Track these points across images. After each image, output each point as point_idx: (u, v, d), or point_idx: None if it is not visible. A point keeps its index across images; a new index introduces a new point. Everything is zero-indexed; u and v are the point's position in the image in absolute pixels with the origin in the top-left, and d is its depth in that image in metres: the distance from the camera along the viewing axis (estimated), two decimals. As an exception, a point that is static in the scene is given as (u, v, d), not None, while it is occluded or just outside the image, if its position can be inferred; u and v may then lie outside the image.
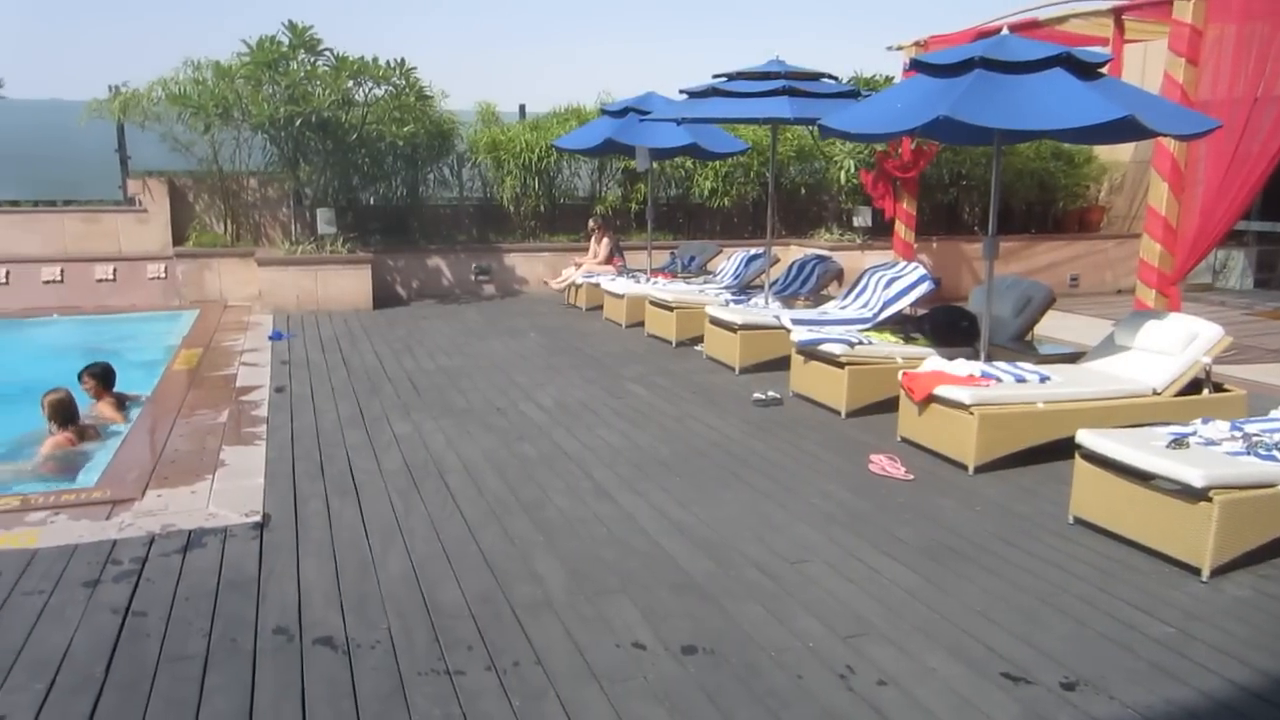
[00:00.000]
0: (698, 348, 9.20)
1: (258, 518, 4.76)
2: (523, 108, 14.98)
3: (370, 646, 3.50)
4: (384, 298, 12.25)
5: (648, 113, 10.52)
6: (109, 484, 5.28)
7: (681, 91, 9.28)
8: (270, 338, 9.63)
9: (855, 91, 8.65)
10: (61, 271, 11.96)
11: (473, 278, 13.32)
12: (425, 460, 5.76)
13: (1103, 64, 5.79)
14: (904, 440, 6.23)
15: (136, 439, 6.28)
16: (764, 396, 7.32)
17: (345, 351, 9.10)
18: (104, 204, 12.77)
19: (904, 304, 7.69)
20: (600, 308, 11.41)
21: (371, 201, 13.62)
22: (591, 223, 12.80)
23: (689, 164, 14.09)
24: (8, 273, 11.78)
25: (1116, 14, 8.92)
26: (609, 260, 12.24)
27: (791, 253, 12.94)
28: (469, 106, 14.29)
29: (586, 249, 12.89)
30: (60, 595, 3.89)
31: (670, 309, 9.64)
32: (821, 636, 3.61)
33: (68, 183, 12.96)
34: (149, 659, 3.41)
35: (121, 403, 7.25)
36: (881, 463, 5.72)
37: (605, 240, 12.38)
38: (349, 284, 11.71)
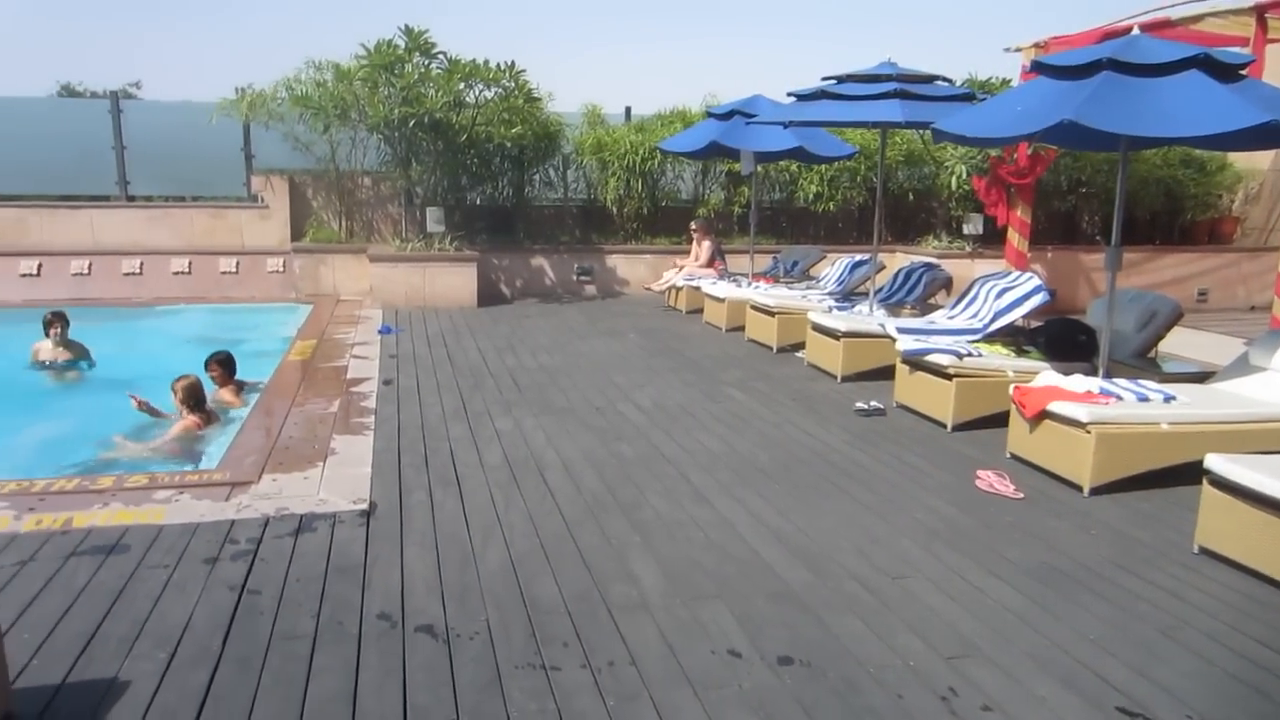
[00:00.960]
0: (799, 354, 9.08)
1: (365, 505, 4.90)
2: (628, 110, 15.09)
3: (469, 637, 3.56)
4: (488, 295, 12.51)
5: (754, 115, 10.45)
6: (229, 467, 5.53)
7: (789, 94, 9.19)
8: (379, 332, 9.94)
9: (970, 94, 8.40)
10: (189, 264, 12.62)
11: (574, 278, 13.48)
12: (525, 456, 5.84)
13: (1244, 65, 5.46)
14: (1014, 457, 6.00)
15: (254, 425, 6.55)
16: (866, 406, 7.17)
17: (450, 347, 9.32)
18: (229, 200, 13.43)
19: (1017, 315, 7.42)
20: (700, 311, 11.39)
21: (479, 201, 13.93)
22: (693, 225, 12.79)
23: (794, 167, 13.95)
24: (141, 264, 12.49)
25: (1259, 11, 8.40)
26: (710, 263, 12.20)
27: (897, 260, 12.68)
28: (576, 108, 14.49)
29: (688, 252, 12.88)
30: (182, 570, 4.09)
31: (772, 314, 9.54)
32: (923, 655, 3.51)
33: (197, 180, 13.68)
34: (262, 636, 3.55)
35: (241, 389, 7.59)
36: (989, 479, 5.53)
37: (706, 243, 12.35)
38: (455, 281, 12.00)
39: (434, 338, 9.83)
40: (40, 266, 12.21)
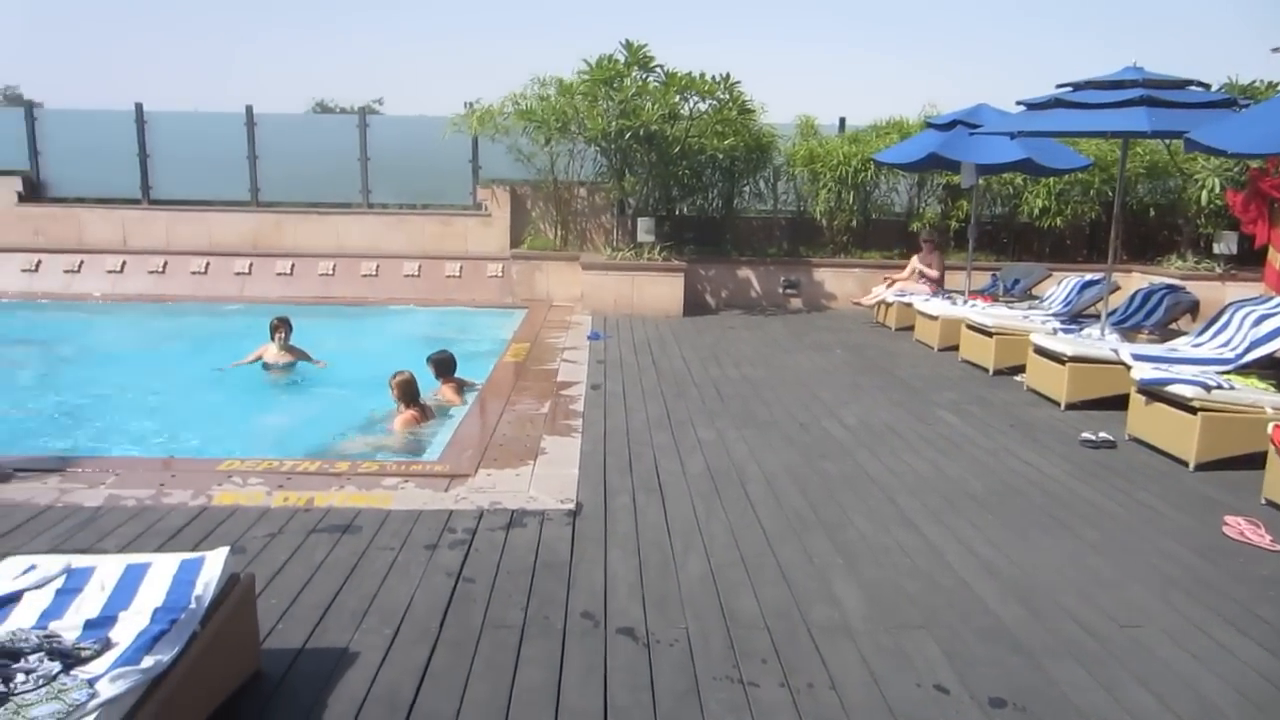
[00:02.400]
0: (1018, 378, 8.56)
1: (571, 505, 5.07)
2: (842, 121, 14.81)
3: (669, 644, 3.59)
4: (694, 305, 12.64)
5: (978, 126, 9.96)
6: (448, 460, 5.88)
7: (1019, 103, 8.68)
8: (589, 337, 10.27)
9: (1230, 100, 7.61)
10: (419, 267, 13.56)
11: (781, 291, 13.37)
12: (727, 467, 5.84)
13: None
14: (1270, 504, 5.37)
15: (471, 421, 6.94)
16: (1094, 437, 6.64)
17: (656, 355, 9.49)
18: (456, 208, 14.34)
19: (1278, 346, 6.64)
20: (911, 328, 10.98)
21: (688, 212, 14.10)
22: (925, 235, 12.27)
23: (1019, 180, 13.19)
24: (377, 266, 13.55)
25: None
26: (941, 279, 11.65)
27: (1134, 280, 11.71)
28: (789, 120, 14.38)
29: (899, 266, 12.46)
30: (406, 554, 4.38)
31: (989, 334, 9.05)
32: (1156, 715, 3.20)
33: (429, 189, 14.69)
34: (475, 622, 3.74)
35: (460, 387, 8.06)
36: (1240, 527, 4.97)
37: (936, 255, 11.81)
38: (662, 291, 12.20)
39: (640, 345, 10.04)
40: (293, 267, 13.52)
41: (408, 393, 7.24)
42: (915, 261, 11.90)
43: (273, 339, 9.22)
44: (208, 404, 8.45)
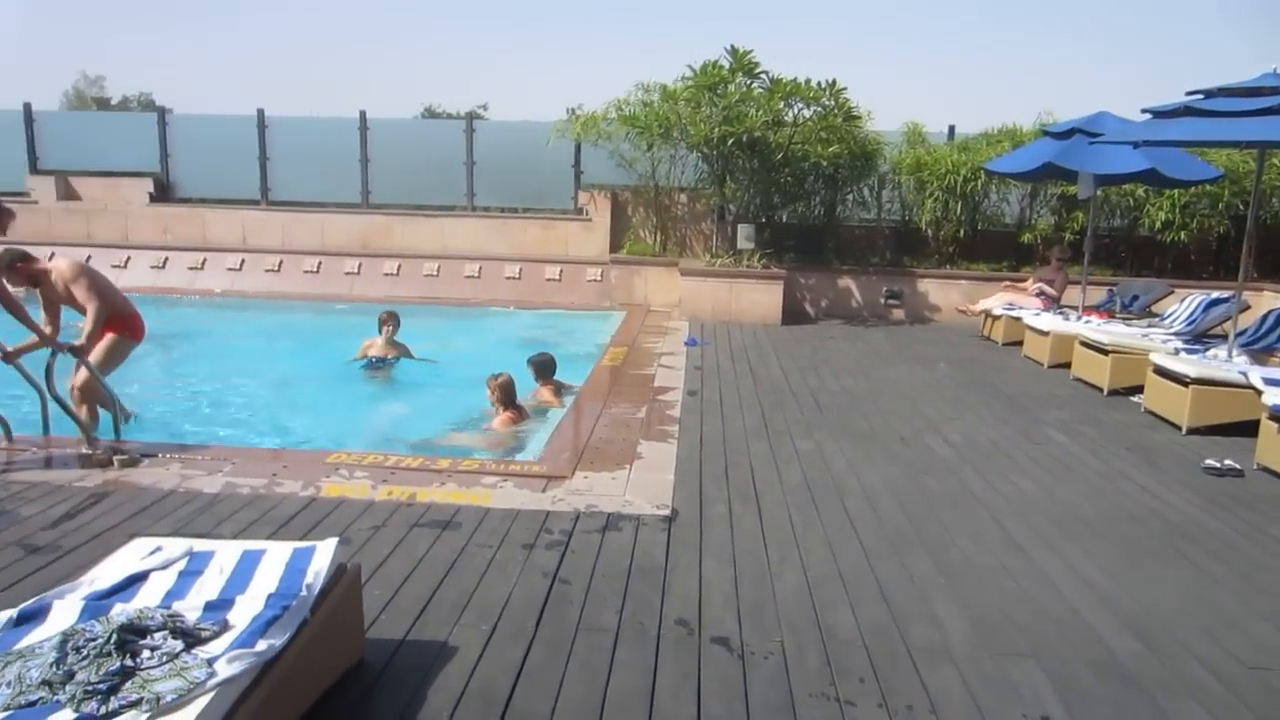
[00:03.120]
0: (1135, 399, 8.17)
1: (667, 511, 5.06)
2: (951, 128, 14.45)
3: (764, 656, 3.55)
4: (792, 314, 12.50)
5: (1098, 135, 9.55)
6: (546, 461, 5.95)
7: (1144, 111, 8.29)
8: (686, 343, 10.26)
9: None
10: (520, 270, 13.80)
11: (882, 301, 13.10)
12: (825, 480, 5.74)
13: None
14: None
15: (569, 424, 7.01)
16: (1219, 465, 6.28)
17: (753, 363, 9.41)
18: (558, 213, 14.54)
19: None
20: (1019, 343, 10.60)
21: (788, 219, 13.96)
22: (1057, 252, 11.81)
23: (1140, 191, 12.62)
24: (480, 268, 13.84)
25: None
26: (1058, 298, 11.21)
27: (1266, 300, 11.06)
28: (896, 127, 14.11)
29: (1006, 279, 12.06)
30: (504, 552, 4.44)
31: (1104, 352, 8.67)
32: (1290, 764, 2.99)
33: (532, 193, 14.94)
34: (570, 623, 3.76)
35: (559, 390, 8.15)
36: (1384, 566, 4.62)
37: (1063, 275, 11.37)
38: (761, 298, 12.11)
39: (738, 352, 9.97)
40: (399, 267, 13.92)
41: (506, 394, 7.36)
42: (1038, 275, 11.51)
43: (380, 332, 9.46)
44: (317, 398, 8.76)
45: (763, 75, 12.21)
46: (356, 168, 14.85)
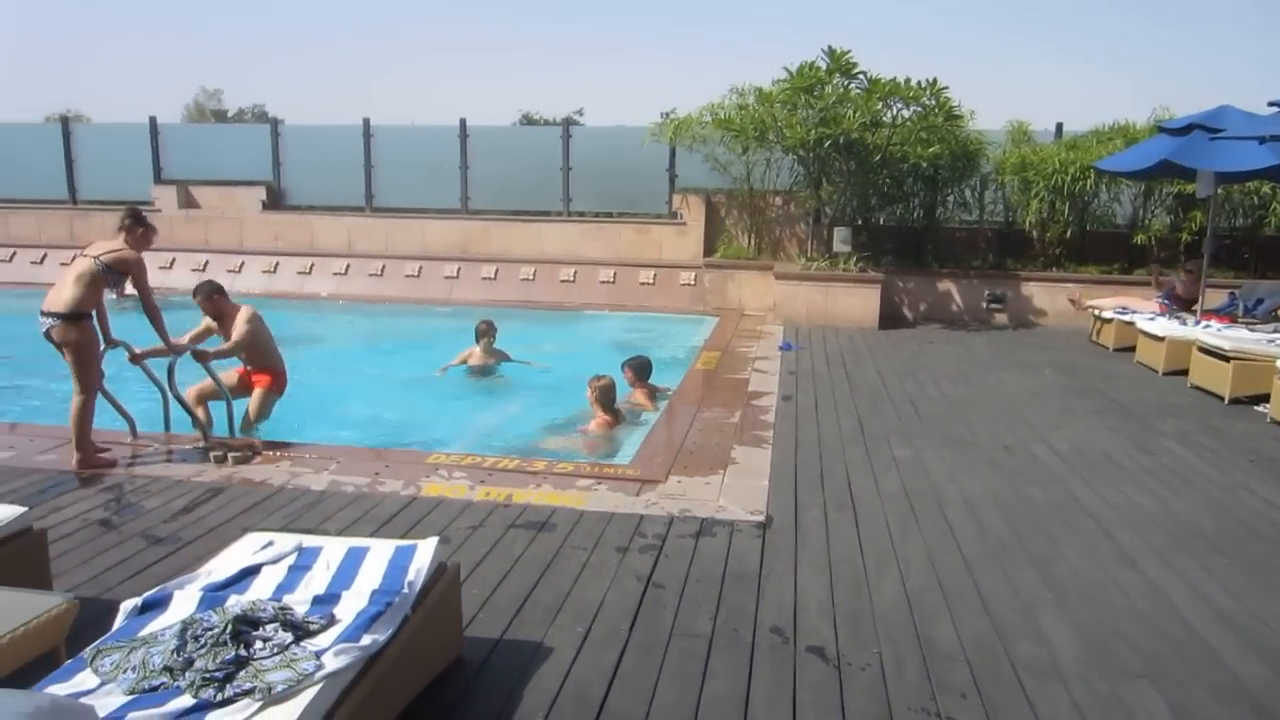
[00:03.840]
0: (1260, 408, 7.71)
1: (761, 518, 5.01)
2: (1059, 126, 13.94)
3: (861, 668, 3.47)
4: (890, 318, 12.24)
5: (1219, 130, 9.07)
6: (640, 464, 5.97)
7: (1271, 104, 7.84)
8: (780, 348, 10.15)
9: None
10: (614, 274, 13.90)
11: (984, 305, 12.70)
12: (925, 489, 5.59)
13: None
14: None
15: (663, 428, 7.01)
16: (1355, 478, 5.88)
17: (849, 368, 9.25)
18: (652, 217, 14.58)
19: None
20: (1131, 349, 10.13)
21: (886, 221, 13.68)
22: (1187, 265, 11.16)
23: (1265, 189, 11.92)
24: (575, 272, 14.00)
25: None
26: (1190, 304, 10.61)
27: (1407, 303, 10.28)
28: (999, 126, 13.69)
29: (1120, 282, 11.52)
30: (598, 555, 4.47)
31: (1225, 358, 8.21)
32: None
33: (626, 197, 15.02)
34: (664, 628, 3.76)
35: (653, 393, 8.17)
36: None
37: (1194, 289, 10.74)
38: (857, 302, 11.89)
39: (833, 357, 9.82)
40: (497, 271, 14.20)
41: (606, 398, 7.40)
42: (1165, 287, 11.01)
43: (478, 342, 9.61)
44: (417, 399, 8.99)
45: (860, 75, 12.01)
46: (456, 174, 15.19)
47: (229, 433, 6.52)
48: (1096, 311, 11.13)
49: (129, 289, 5.90)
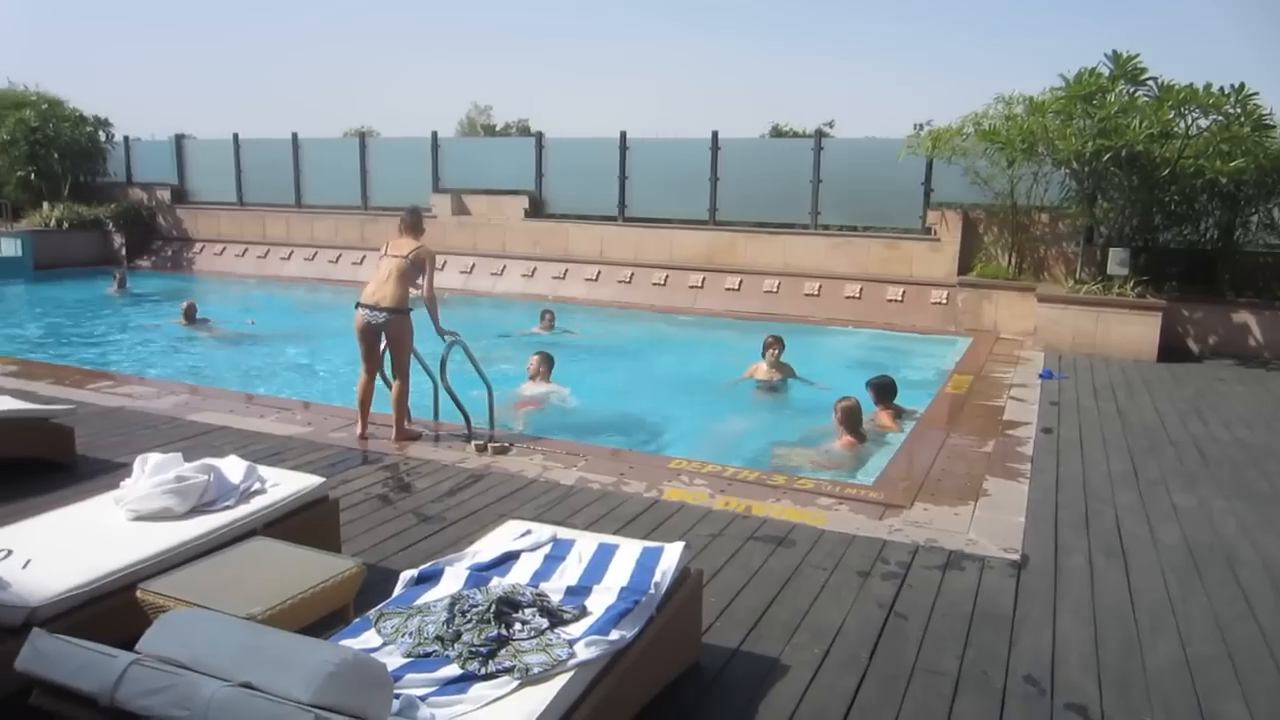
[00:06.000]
0: None
1: (1016, 556, 4.69)
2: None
3: (1131, 734, 3.16)
4: (1171, 350, 11.05)
5: None
6: (883, 488, 5.77)
7: None
8: (1040, 376, 9.46)
9: None
10: (860, 290, 13.55)
11: (1289, 341, 11.19)
12: (1211, 543, 4.99)
13: None
14: None
15: (908, 451, 6.74)
16: None
17: (1121, 402, 8.45)
18: (903, 232, 14.09)
19: None
20: None
21: (1172, 243, 12.39)
22: None
23: None
24: (820, 287, 13.79)
25: None
26: None
27: None
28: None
29: None
30: (838, 577, 4.37)
31: None
32: None
33: (876, 211, 14.60)
34: (906, 660, 3.61)
35: (898, 415, 7.88)
36: None
37: None
38: (1133, 330, 10.85)
39: (1102, 389, 9.01)
40: (741, 283, 14.27)
41: (851, 419, 7.22)
42: None
43: (764, 356, 9.42)
44: (662, 402, 9.21)
45: (1149, 82, 10.96)
46: (705, 185, 15.43)
47: (489, 423, 6.98)
48: None
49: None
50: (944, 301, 12.94)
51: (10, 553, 3.31)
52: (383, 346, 6.55)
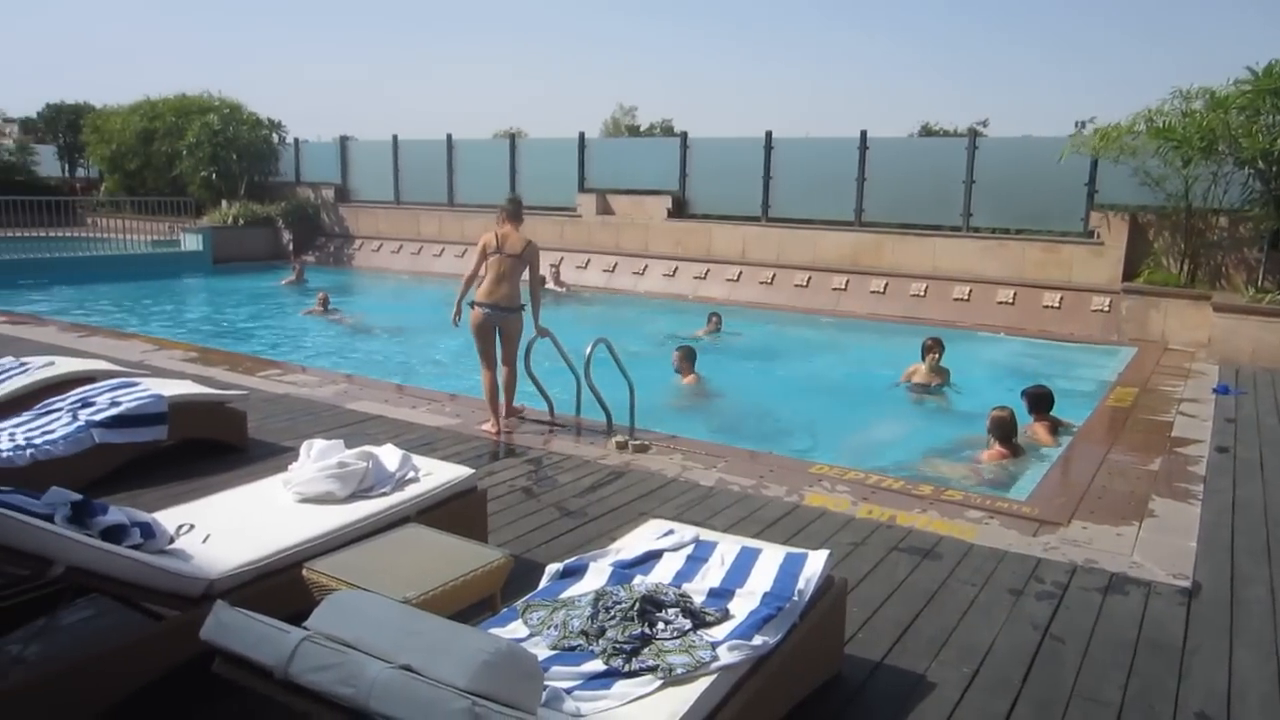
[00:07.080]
0: None
1: (1186, 583, 4.37)
2: None
3: (1320, 786, 2.89)
4: (1367, 366, 10.08)
5: None
6: (1037, 503, 5.49)
7: None
8: (1215, 391, 8.79)
9: None
10: (1014, 295, 12.96)
11: None
12: None
13: None
14: None
15: (1064, 466, 6.40)
16: None
17: (1308, 422, 7.76)
18: (1062, 235, 13.38)
19: None
20: None
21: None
22: None
23: None
24: (970, 291, 13.27)
25: None
26: None
27: None
28: None
29: None
30: (988, 594, 4.19)
31: None
32: None
33: (1032, 213, 13.90)
34: (1063, 686, 3.42)
35: (1054, 427, 7.49)
36: None
37: None
38: (1323, 344, 9.96)
39: (1286, 407, 8.31)
40: (886, 285, 13.89)
41: (1004, 430, 6.92)
42: None
43: (923, 359, 9.22)
44: (805, 405, 9.08)
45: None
46: (851, 186, 15.09)
47: (629, 421, 7.05)
48: None
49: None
50: (1106, 309, 12.22)
51: (192, 527, 3.57)
52: None
